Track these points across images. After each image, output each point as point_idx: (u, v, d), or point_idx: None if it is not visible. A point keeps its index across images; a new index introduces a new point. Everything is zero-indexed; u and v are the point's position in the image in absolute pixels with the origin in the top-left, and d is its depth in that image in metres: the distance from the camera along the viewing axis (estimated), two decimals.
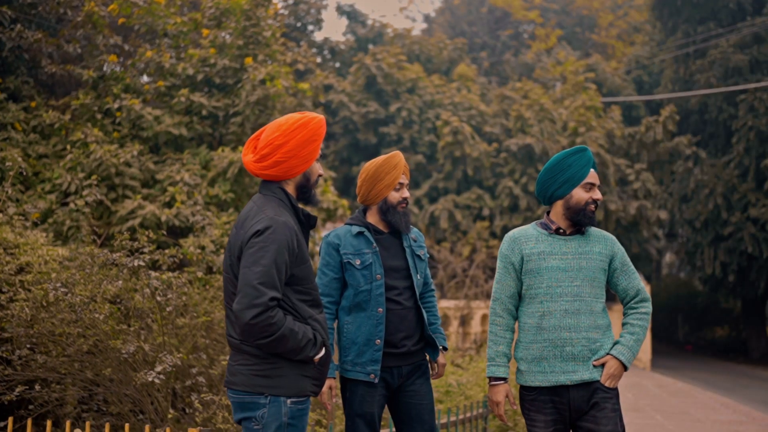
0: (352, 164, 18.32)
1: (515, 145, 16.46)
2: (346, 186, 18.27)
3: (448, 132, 16.46)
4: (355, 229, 3.34)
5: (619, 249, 3.01)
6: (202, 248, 6.89)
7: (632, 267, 3.02)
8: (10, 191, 6.35)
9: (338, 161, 18.48)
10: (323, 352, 2.48)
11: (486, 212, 16.31)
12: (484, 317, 14.17)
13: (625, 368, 2.89)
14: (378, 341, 3.21)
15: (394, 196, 3.34)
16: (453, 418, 5.08)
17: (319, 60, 21.00)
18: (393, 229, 3.40)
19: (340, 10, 23.76)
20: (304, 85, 11.27)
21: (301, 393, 2.41)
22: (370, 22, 23.34)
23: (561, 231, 2.99)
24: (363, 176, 3.37)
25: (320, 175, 2.62)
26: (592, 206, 2.96)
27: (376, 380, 3.19)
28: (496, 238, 15.70)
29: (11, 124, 8.84)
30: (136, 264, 4.41)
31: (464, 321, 13.94)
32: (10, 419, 3.71)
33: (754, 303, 20.98)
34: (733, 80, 19.16)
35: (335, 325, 3.35)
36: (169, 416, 4.67)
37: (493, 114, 18.39)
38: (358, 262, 3.28)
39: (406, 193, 3.38)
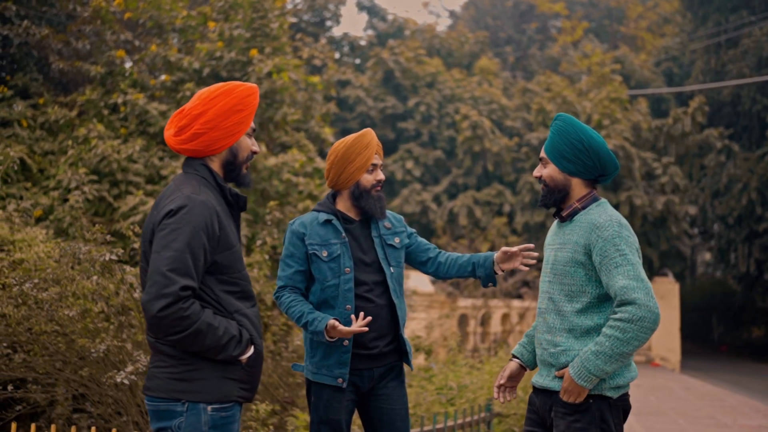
0: None
1: (536, 139, 16.02)
2: None
3: (467, 126, 16.09)
4: (323, 216, 3.03)
5: (600, 238, 2.42)
6: None
7: (618, 261, 2.37)
8: (1, 186, 6.20)
9: None
10: (251, 351, 2.18)
11: (507, 208, 15.90)
12: (504, 317, 13.76)
13: (584, 387, 2.36)
14: (346, 342, 2.91)
15: (368, 179, 3.02)
16: (450, 423, 4.75)
17: (337, 55, 20.77)
18: (365, 217, 3.09)
19: (359, 5, 23.52)
20: (314, 79, 11.02)
21: (224, 398, 2.11)
22: (390, 17, 23.06)
23: (558, 217, 2.65)
24: (331, 158, 3.06)
25: (254, 152, 2.32)
26: (542, 186, 2.63)
27: (344, 385, 2.89)
28: (516, 234, 15.28)
29: (18, 121, 8.77)
30: (107, 258, 4.17)
31: (483, 321, 13.55)
32: None
33: None
34: (767, 70, 18.41)
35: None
36: None
37: (515, 108, 17.97)
38: (324, 253, 2.98)
39: (380, 175, 3.06)
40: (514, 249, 2.99)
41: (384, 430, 3.01)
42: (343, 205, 3.09)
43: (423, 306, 11.21)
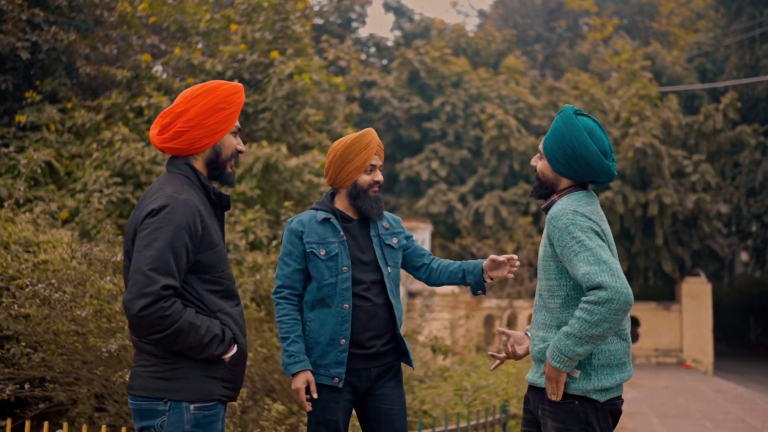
0: (395, 161, 18.02)
1: None
2: (389, 184, 17.98)
3: (493, 126, 15.98)
4: (321, 215, 3.04)
5: (556, 228, 2.37)
6: None
7: (575, 249, 2.30)
8: (22, 189, 6.34)
9: None
10: (235, 350, 2.18)
11: (533, 208, 15.73)
12: (530, 317, 13.63)
13: (558, 369, 2.30)
14: (343, 341, 2.91)
15: (365, 180, 3.03)
16: (464, 424, 4.70)
17: (363, 56, 20.79)
18: (363, 216, 3.09)
19: (386, 6, 23.53)
20: (337, 80, 11.05)
21: (206, 397, 2.12)
22: (417, 17, 23.01)
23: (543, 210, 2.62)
24: (331, 156, 3.07)
25: (239, 151, 2.32)
26: (535, 176, 2.61)
27: (341, 384, 2.89)
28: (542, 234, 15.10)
29: (46, 125, 8.96)
30: (119, 258, 4.24)
31: (510, 321, 13.43)
32: (9, 420, 3.57)
33: None
34: None
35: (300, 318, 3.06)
36: None
37: (542, 107, 17.78)
38: (322, 252, 2.98)
39: (378, 176, 3.06)
40: (502, 258, 2.99)
41: (382, 431, 2.99)
42: (341, 203, 3.09)
43: (445, 306, 11.15)
